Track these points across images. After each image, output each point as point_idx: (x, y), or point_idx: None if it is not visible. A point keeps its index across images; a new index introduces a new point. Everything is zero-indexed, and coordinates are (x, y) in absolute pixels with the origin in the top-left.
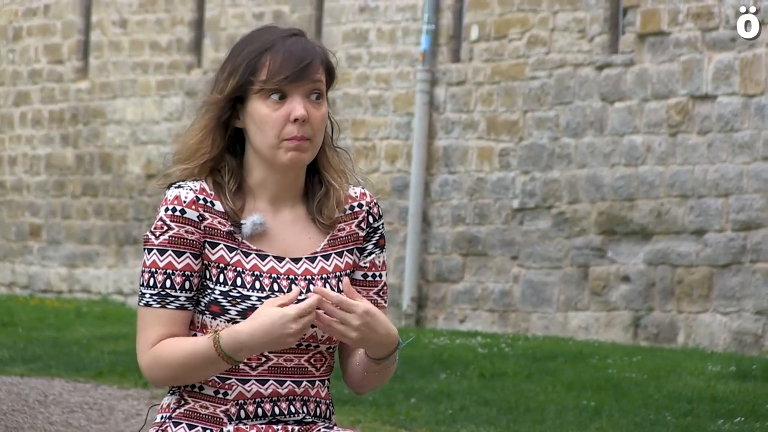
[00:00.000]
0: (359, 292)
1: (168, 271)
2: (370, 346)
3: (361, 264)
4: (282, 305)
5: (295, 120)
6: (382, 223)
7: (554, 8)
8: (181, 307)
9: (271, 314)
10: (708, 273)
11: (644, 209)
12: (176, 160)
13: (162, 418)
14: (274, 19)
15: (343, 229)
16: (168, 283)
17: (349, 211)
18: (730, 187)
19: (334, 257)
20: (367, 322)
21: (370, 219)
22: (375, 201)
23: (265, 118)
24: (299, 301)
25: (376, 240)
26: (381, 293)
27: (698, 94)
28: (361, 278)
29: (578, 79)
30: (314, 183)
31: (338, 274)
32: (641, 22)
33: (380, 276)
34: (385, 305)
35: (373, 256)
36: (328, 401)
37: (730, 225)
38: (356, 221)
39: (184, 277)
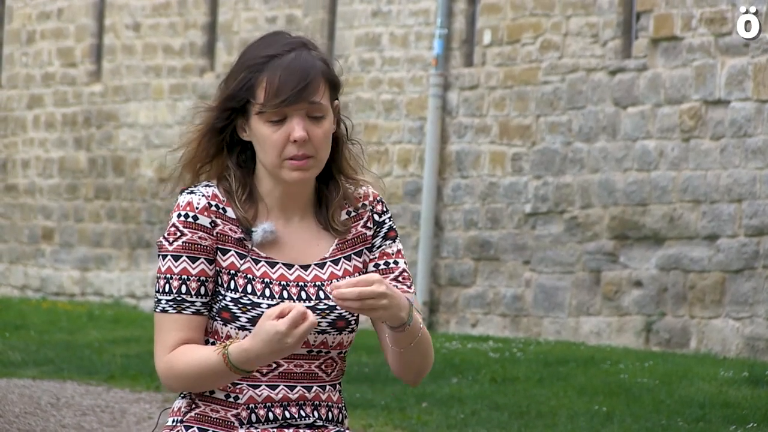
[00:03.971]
0: None
1: (183, 277)
2: (391, 315)
3: (371, 257)
4: (278, 316)
5: (295, 141)
6: (389, 216)
7: (567, 13)
8: (197, 312)
9: (267, 330)
10: (720, 278)
11: (657, 214)
12: (179, 162)
13: (173, 421)
14: (287, 23)
15: (351, 232)
16: (183, 289)
17: (354, 213)
18: (743, 192)
19: (343, 261)
20: (386, 284)
21: (375, 216)
22: (378, 198)
23: (266, 139)
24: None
25: (384, 233)
26: (401, 279)
27: (711, 99)
28: (374, 269)
29: (591, 84)
30: (330, 189)
31: (348, 278)
32: (654, 27)
33: (395, 263)
34: (411, 290)
35: (383, 247)
36: (340, 405)
37: (742, 230)
38: (362, 222)
39: (199, 283)
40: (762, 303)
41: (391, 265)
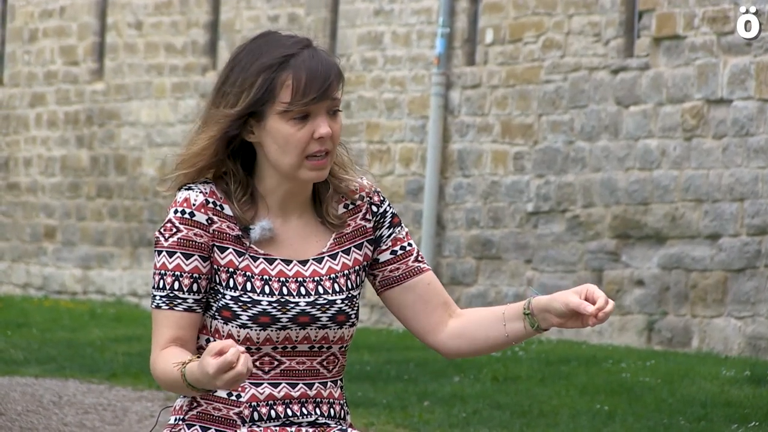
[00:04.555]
0: (397, 268)
1: (176, 273)
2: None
3: (384, 246)
4: (217, 353)
5: (320, 137)
6: (389, 204)
7: (569, 12)
8: (189, 309)
9: (204, 364)
10: (722, 277)
11: (659, 213)
12: (176, 165)
13: (175, 419)
14: (289, 21)
15: (349, 225)
16: (176, 285)
17: (351, 206)
18: (745, 191)
19: (341, 255)
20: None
21: (373, 208)
22: (375, 189)
23: (289, 138)
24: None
25: (389, 221)
26: (419, 259)
27: (713, 98)
28: (392, 255)
29: (593, 83)
30: (321, 185)
31: (346, 272)
32: (656, 26)
33: (410, 245)
34: (429, 268)
35: (393, 234)
36: (341, 401)
37: (744, 229)
38: (360, 214)
39: (192, 279)
40: (764, 302)
41: (408, 249)
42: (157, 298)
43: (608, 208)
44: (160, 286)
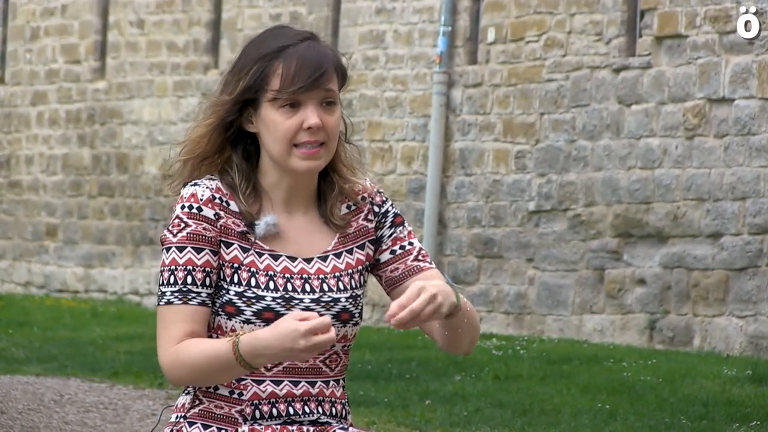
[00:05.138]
0: (397, 268)
1: (188, 268)
2: (448, 305)
3: (384, 246)
4: (302, 319)
5: (308, 128)
6: (391, 204)
7: (571, 10)
8: (203, 303)
9: (286, 325)
10: (724, 276)
11: (660, 212)
12: (182, 156)
13: (177, 417)
14: (291, 20)
15: (351, 225)
16: (189, 279)
17: (353, 207)
18: (747, 190)
19: (345, 255)
20: (427, 284)
21: (375, 208)
22: (377, 189)
23: (278, 126)
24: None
25: (391, 221)
26: (420, 257)
27: (715, 98)
28: (391, 255)
29: (595, 82)
30: (327, 185)
31: (350, 271)
32: (658, 25)
33: (410, 244)
34: (432, 266)
35: (394, 234)
36: (343, 401)
37: (746, 228)
38: (362, 215)
39: (204, 273)
40: (765, 301)
41: (407, 247)
42: (168, 294)
43: (610, 207)
44: (171, 281)
